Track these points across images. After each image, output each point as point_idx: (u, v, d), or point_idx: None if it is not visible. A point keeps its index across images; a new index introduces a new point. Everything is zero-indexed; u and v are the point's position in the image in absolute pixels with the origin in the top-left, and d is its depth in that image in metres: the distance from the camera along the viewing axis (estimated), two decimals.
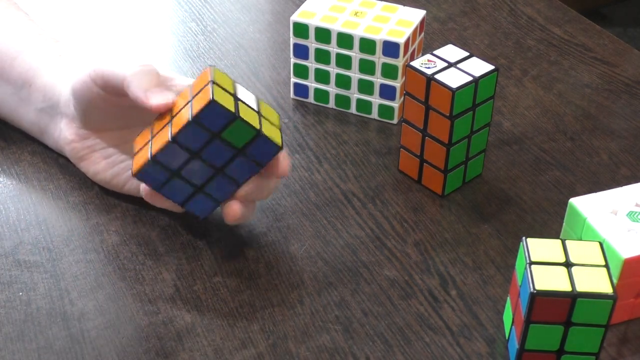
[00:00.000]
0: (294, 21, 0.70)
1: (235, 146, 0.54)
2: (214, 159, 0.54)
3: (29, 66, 0.64)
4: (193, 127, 0.53)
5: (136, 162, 0.55)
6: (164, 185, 0.56)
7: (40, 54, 0.64)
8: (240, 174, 0.55)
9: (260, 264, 0.59)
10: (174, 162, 0.54)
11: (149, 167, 0.55)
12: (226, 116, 0.52)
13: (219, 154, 0.54)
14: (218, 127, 0.53)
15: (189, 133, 0.53)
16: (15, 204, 0.63)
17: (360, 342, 0.54)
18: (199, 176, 0.55)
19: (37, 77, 0.63)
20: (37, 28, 0.67)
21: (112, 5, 0.87)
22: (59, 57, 0.64)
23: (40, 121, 0.65)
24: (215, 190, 0.56)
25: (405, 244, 0.61)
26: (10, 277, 0.57)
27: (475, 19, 0.86)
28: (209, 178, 0.55)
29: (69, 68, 0.62)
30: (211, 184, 0.56)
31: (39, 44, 0.65)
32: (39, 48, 0.64)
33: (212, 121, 0.53)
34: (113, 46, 0.81)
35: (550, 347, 0.50)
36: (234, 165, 0.55)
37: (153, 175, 0.55)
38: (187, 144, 0.54)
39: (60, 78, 0.62)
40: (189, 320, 0.55)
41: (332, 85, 0.72)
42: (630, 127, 0.72)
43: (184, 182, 0.56)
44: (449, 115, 0.61)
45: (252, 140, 0.54)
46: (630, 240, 0.53)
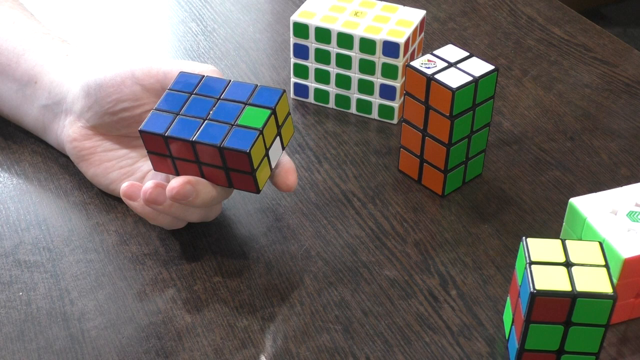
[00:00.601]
0: (294, 21, 0.70)
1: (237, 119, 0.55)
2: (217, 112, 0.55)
3: (34, 63, 0.64)
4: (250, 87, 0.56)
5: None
6: (171, 125, 0.55)
7: (47, 52, 0.64)
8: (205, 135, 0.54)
9: (260, 264, 0.59)
10: (206, 89, 0.56)
11: (152, 117, 0.55)
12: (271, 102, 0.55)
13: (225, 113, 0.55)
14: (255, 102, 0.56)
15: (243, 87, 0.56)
16: (16, 204, 0.63)
17: (360, 342, 0.54)
18: (193, 109, 0.55)
19: (43, 75, 0.64)
20: (43, 27, 0.67)
21: (112, 5, 0.87)
22: (65, 56, 0.64)
23: (43, 117, 0.65)
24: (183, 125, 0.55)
25: (405, 244, 0.61)
26: (11, 277, 0.57)
27: (475, 19, 0.86)
28: (193, 115, 0.55)
29: (78, 68, 0.63)
30: (186, 119, 0.55)
31: (46, 42, 0.65)
32: (46, 46, 0.65)
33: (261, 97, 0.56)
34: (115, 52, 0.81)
35: (550, 347, 0.50)
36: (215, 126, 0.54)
37: (157, 121, 0.55)
38: (232, 89, 0.56)
39: (68, 76, 0.62)
40: (189, 320, 0.55)
41: (332, 85, 0.72)
42: (630, 127, 0.72)
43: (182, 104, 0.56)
44: (449, 115, 0.61)
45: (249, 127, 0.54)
46: (630, 240, 0.53)
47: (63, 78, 0.63)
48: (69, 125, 0.62)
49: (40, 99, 0.64)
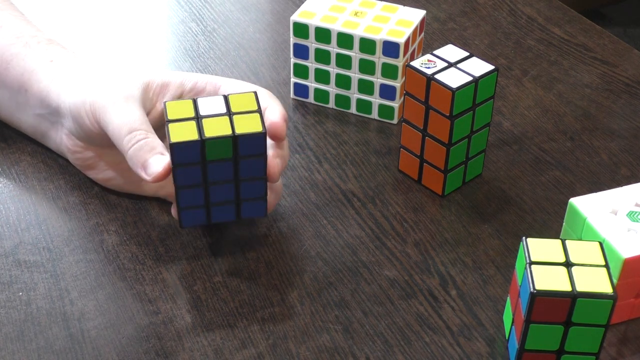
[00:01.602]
0: (294, 21, 0.70)
1: (227, 158, 0.54)
2: (223, 176, 0.55)
3: (22, 70, 0.63)
4: (180, 170, 0.53)
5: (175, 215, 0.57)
6: (210, 216, 0.56)
7: (34, 58, 0.63)
8: (255, 171, 0.55)
9: (260, 264, 0.59)
10: (196, 199, 0.55)
11: (185, 215, 0.56)
12: (195, 146, 0.53)
13: (223, 171, 0.54)
14: (198, 157, 0.53)
15: (182, 175, 0.54)
16: (16, 204, 0.63)
17: (360, 342, 0.54)
18: (227, 194, 0.56)
19: (32, 82, 0.63)
20: (32, 29, 0.66)
21: (112, 5, 0.87)
22: (50, 62, 0.63)
23: (40, 125, 0.64)
24: (251, 192, 0.56)
25: (405, 244, 0.61)
26: (10, 277, 0.57)
27: (475, 19, 0.86)
28: (236, 189, 0.56)
29: (62, 77, 0.61)
30: (242, 191, 0.56)
31: (32, 47, 0.64)
32: (32, 52, 0.64)
33: (188, 156, 0.53)
34: (106, 55, 0.81)
35: (550, 347, 0.50)
36: (242, 170, 0.55)
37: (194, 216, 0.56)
38: (190, 182, 0.54)
39: (54, 86, 0.61)
40: (189, 320, 0.55)
41: (332, 85, 0.72)
42: (630, 127, 0.72)
43: (223, 205, 0.56)
44: (449, 115, 0.61)
45: (234, 144, 0.53)
46: (630, 240, 0.53)
47: (50, 88, 0.62)
48: (66, 138, 0.62)
49: (34, 108, 0.63)
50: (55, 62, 0.63)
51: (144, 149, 0.55)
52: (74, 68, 0.62)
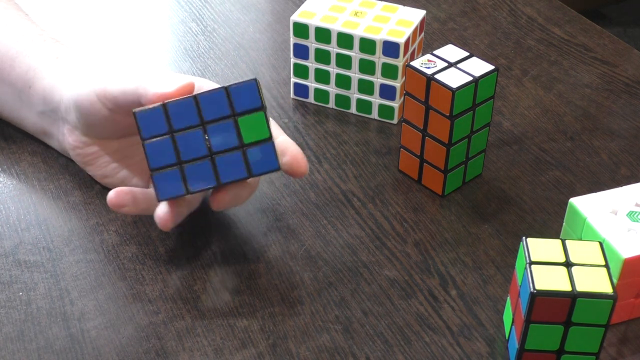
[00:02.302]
0: (294, 21, 0.70)
1: (241, 138, 0.52)
2: (215, 139, 0.52)
3: (27, 67, 0.63)
4: (221, 95, 0.51)
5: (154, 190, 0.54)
6: (187, 181, 0.53)
7: (39, 55, 0.64)
8: (226, 172, 0.53)
9: (260, 264, 0.59)
10: (180, 119, 0.52)
11: (159, 180, 0.53)
12: (256, 101, 0.51)
13: (224, 137, 0.52)
14: (242, 108, 0.51)
15: (213, 99, 0.51)
16: (16, 204, 0.63)
17: (361, 342, 0.54)
18: (189, 149, 0.53)
19: (36, 80, 0.63)
20: (37, 28, 0.67)
21: (113, 5, 0.87)
22: (55, 59, 0.63)
23: (43, 123, 0.64)
24: (195, 174, 0.53)
25: (405, 244, 0.61)
26: (10, 277, 0.57)
27: (475, 19, 0.86)
28: (196, 157, 0.53)
29: (67, 73, 0.62)
30: (194, 165, 0.53)
31: (38, 44, 0.64)
32: (38, 49, 0.64)
33: (241, 100, 0.51)
34: (112, 53, 0.81)
35: (550, 347, 0.50)
36: (227, 157, 0.53)
37: (169, 182, 0.53)
38: (205, 106, 0.52)
39: (59, 82, 0.62)
40: (189, 320, 0.55)
41: (332, 85, 0.72)
42: (630, 127, 0.72)
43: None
44: (449, 115, 0.61)
45: (260, 142, 0.52)
46: (630, 240, 0.53)
47: (55, 84, 0.62)
48: (68, 133, 0.62)
49: (37, 105, 0.63)
50: (60, 58, 0.63)
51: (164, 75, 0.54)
52: (80, 63, 0.62)
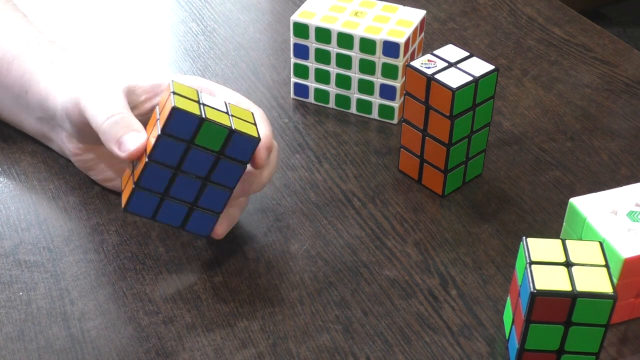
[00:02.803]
0: (294, 21, 0.70)
1: (212, 150, 0.53)
2: (196, 169, 0.53)
3: (23, 71, 0.63)
4: (164, 140, 0.52)
5: (124, 197, 0.54)
6: (158, 211, 0.54)
7: (34, 60, 0.63)
8: (228, 178, 0.54)
9: (260, 264, 0.59)
10: (158, 183, 0.53)
11: (136, 196, 0.53)
12: (193, 120, 0.51)
13: (200, 163, 0.53)
14: (189, 134, 0.52)
15: (163, 148, 0.52)
16: (16, 204, 0.63)
17: (361, 342, 0.54)
18: (188, 191, 0.54)
19: (32, 84, 0.62)
20: (33, 30, 0.66)
21: (113, 5, 0.87)
22: (50, 64, 0.62)
23: (42, 128, 0.64)
24: (210, 202, 0.55)
25: (406, 243, 0.61)
26: (11, 277, 0.57)
27: (475, 19, 0.86)
28: (199, 191, 0.54)
29: (60, 79, 0.61)
30: (204, 197, 0.54)
31: (34, 47, 0.64)
32: (33, 53, 0.63)
33: (181, 129, 0.51)
34: (107, 56, 0.81)
35: (550, 346, 0.50)
36: (218, 170, 0.54)
37: (143, 203, 0.54)
38: (165, 160, 0.52)
39: (53, 89, 0.61)
40: (189, 320, 0.55)
41: (332, 85, 0.72)
42: (630, 127, 0.72)
43: (176, 202, 0.54)
44: (449, 115, 0.61)
45: (227, 139, 0.52)
46: (630, 240, 0.53)
47: (49, 90, 0.61)
48: (66, 140, 0.62)
49: (35, 111, 0.63)
50: (54, 63, 0.63)
51: (119, 124, 0.54)
52: (72, 69, 0.62)
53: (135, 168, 0.54)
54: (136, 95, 0.59)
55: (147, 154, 0.52)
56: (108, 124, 0.55)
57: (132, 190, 0.53)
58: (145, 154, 0.53)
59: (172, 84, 0.53)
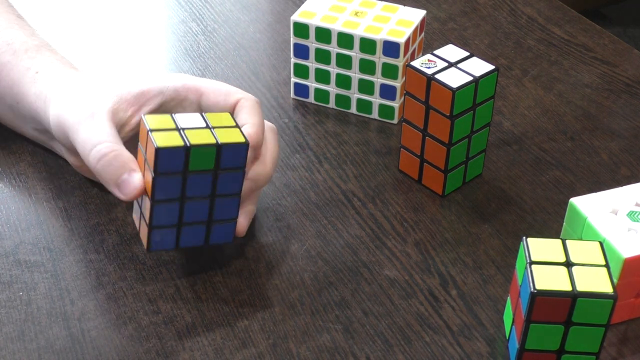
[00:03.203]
0: (294, 21, 0.70)
1: (207, 169, 0.53)
2: (200, 191, 0.54)
3: (12, 82, 0.62)
4: (160, 180, 0.52)
5: (143, 238, 0.55)
6: (179, 240, 0.55)
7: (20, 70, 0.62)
8: (231, 187, 0.54)
9: (260, 264, 0.59)
10: (170, 217, 0.54)
11: (154, 235, 0.54)
12: (180, 152, 0.52)
13: (201, 184, 0.53)
14: (181, 166, 0.52)
15: (162, 187, 0.52)
16: (16, 204, 0.63)
17: (361, 342, 0.54)
18: (200, 212, 0.55)
19: (21, 96, 0.62)
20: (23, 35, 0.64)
21: (113, 6, 0.87)
22: (35, 74, 0.62)
23: (40, 137, 0.65)
24: (223, 212, 0.55)
25: (406, 243, 0.61)
26: (11, 277, 0.57)
27: (476, 19, 0.86)
28: (209, 208, 0.55)
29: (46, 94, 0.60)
30: (216, 211, 0.55)
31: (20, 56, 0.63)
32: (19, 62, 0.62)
33: (172, 164, 0.52)
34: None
35: (550, 346, 0.50)
36: (220, 184, 0.54)
37: (163, 239, 0.55)
38: (168, 196, 0.53)
39: (40, 104, 0.61)
40: (189, 320, 0.55)
41: (332, 85, 0.72)
42: (630, 127, 0.72)
43: (193, 225, 0.55)
44: (449, 115, 0.61)
45: (217, 154, 0.53)
46: (630, 240, 0.53)
47: (38, 105, 0.61)
48: (66, 154, 0.62)
49: (30, 122, 0.63)
50: (40, 73, 0.62)
51: (114, 165, 0.54)
52: (56, 82, 0.61)
53: (141, 207, 0.55)
54: (123, 111, 0.58)
55: (149, 196, 0.53)
56: (102, 166, 0.54)
57: (148, 232, 0.54)
58: (146, 192, 0.53)
59: (145, 121, 0.53)
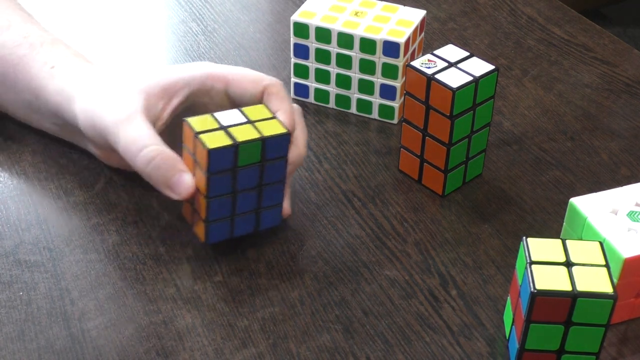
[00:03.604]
0: (294, 21, 0.70)
1: (255, 162, 0.55)
2: (249, 183, 0.56)
3: (30, 76, 0.63)
4: (213, 178, 0.54)
5: (199, 232, 0.57)
6: (233, 230, 0.57)
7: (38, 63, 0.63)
8: (277, 175, 0.57)
9: (260, 264, 0.59)
10: (223, 211, 0.56)
11: (211, 229, 0.56)
12: (229, 151, 0.54)
13: (250, 177, 0.56)
14: (231, 163, 0.54)
15: (215, 184, 0.55)
16: (16, 204, 0.63)
17: (361, 342, 0.54)
18: (250, 202, 0.57)
19: (40, 91, 0.62)
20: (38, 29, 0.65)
21: (113, 5, 0.87)
22: (51, 68, 0.62)
23: (61, 132, 0.65)
24: (271, 199, 0.58)
25: (406, 243, 0.61)
26: (11, 277, 0.57)
27: (475, 19, 0.86)
28: (258, 197, 0.57)
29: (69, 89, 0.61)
30: (264, 199, 0.57)
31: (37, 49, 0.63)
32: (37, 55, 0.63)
33: (223, 162, 0.54)
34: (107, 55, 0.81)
35: (550, 346, 0.50)
36: (267, 174, 0.56)
37: (219, 231, 0.57)
38: (221, 192, 0.55)
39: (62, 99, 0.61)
40: (189, 320, 0.55)
41: (332, 85, 0.72)
42: (630, 127, 0.72)
43: (245, 215, 0.57)
44: (449, 115, 0.61)
45: (263, 148, 0.55)
46: (630, 240, 0.53)
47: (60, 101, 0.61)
48: (93, 149, 0.63)
49: (49, 117, 0.64)
50: (56, 68, 0.62)
51: (163, 168, 0.56)
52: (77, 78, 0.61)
53: (194, 204, 0.57)
54: (153, 107, 0.59)
55: (203, 193, 0.55)
56: (152, 169, 0.56)
57: (205, 227, 0.56)
58: (199, 191, 0.55)
59: (190, 125, 0.55)
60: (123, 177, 0.65)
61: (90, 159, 0.66)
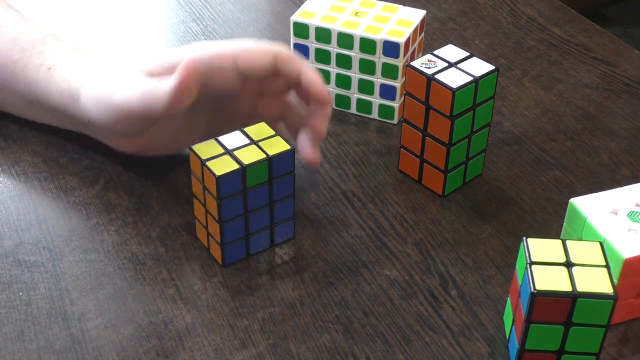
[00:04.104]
0: (294, 21, 0.70)
1: (263, 182, 0.56)
2: (259, 202, 0.57)
3: (28, 81, 0.62)
4: (225, 203, 0.55)
5: (216, 255, 0.58)
6: (249, 249, 0.58)
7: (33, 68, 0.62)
8: (286, 190, 0.57)
9: (260, 264, 0.59)
10: (237, 232, 0.57)
11: (227, 251, 0.57)
12: (237, 175, 0.54)
13: (259, 196, 0.56)
14: (239, 186, 0.55)
15: (226, 208, 0.55)
16: (16, 204, 0.63)
17: (361, 342, 0.54)
18: (262, 220, 0.58)
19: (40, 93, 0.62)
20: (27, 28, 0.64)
21: (113, 5, 0.87)
22: (48, 70, 0.62)
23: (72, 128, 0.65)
24: (282, 214, 0.58)
25: (406, 243, 0.61)
26: (11, 277, 0.57)
27: (475, 19, 0.86)
28: (270, 214, 0.58)
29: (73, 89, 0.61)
30: (276, 215, 0.58)
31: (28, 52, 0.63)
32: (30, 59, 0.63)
33: (232, 187, 0.55)
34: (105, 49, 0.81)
35: (550, 347, 0.50)
36: (276, 191, 0.57)
37: (234, 252, 0.58)
38: (232, 215, 0.56)
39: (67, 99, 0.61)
40: (189, 320, 0.55)
41: (332, 85, 0.72)
42: (630, 127, 0.72)
43: (259, 232, 0.58)
44: (449, 115, 0.61)
45: (269, 167, 0.55)
46: (630, 240, 0.53)
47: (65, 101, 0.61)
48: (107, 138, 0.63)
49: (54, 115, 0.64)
50: (53, 69, 0.62)
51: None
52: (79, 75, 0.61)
53: (207, 228, 0.58)
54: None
55: (215, 218, 0.55)
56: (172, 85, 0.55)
57: (221, 250, 0.57)
58: (211, 215, 0.56)
59: (196, 153, 0.55)
60: (123, 177, 0.65)
61: (90, 158, 0.66)
